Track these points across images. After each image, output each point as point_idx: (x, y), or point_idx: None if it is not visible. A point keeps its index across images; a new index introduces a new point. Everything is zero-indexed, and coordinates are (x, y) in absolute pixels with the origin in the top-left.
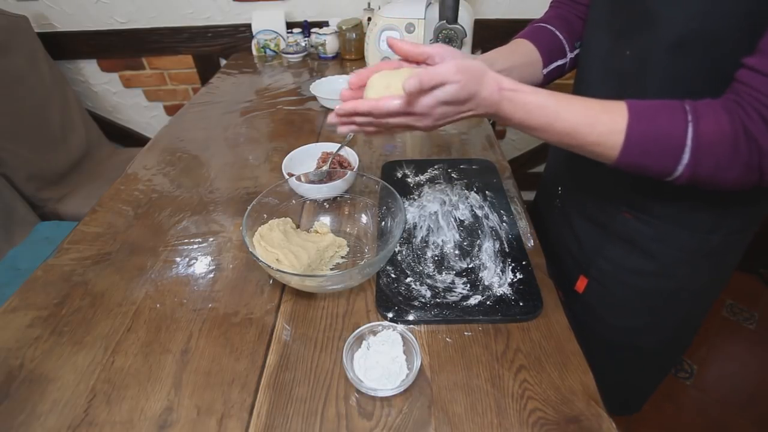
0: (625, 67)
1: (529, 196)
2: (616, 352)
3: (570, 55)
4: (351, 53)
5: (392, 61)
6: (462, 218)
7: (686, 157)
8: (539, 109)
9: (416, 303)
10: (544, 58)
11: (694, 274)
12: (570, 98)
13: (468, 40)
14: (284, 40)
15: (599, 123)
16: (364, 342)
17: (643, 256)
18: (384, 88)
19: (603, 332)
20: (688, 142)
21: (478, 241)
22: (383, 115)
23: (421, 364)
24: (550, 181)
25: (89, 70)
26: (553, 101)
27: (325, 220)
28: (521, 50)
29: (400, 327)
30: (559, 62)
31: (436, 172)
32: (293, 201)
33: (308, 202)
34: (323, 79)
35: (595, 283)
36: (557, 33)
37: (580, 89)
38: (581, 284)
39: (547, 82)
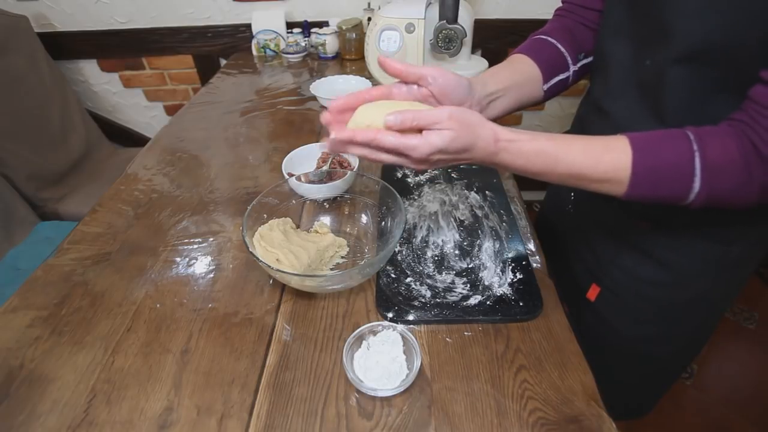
0: (645, 77)
1: (529, 196)
2: (626, 359)
3: (573, 68)
4: (351, 53)
5: (384, 87)
6: (462, 218)
7: (697, 186)
8: (537, 156)
9: (416, 303)
10: (545, 74)
11: (711, 284)
12: (569, 140)
13: (468, 40)
14: (284, 40)
15: (602, 163)
16: (364, 342)
17: (659, 267)
18: (366, 126)
19: (613, 340)
20: (697, 171)
21: (478, 241)
22: (379, 149)
23: (421, 364)
24: (563, 185)
25: (89, 70)
26: (552, 146)
27: (325, 220)
28: (518, 68)
29: (400, 327)
30: (561, 76)
31: (435, 172)
32: (293, 201)
33: (308, 202)
34: (323, 79)
35: (608, 292)
36: (559, 46)
37: (601, 98)
38: (593, 292)
39: (548, 98)
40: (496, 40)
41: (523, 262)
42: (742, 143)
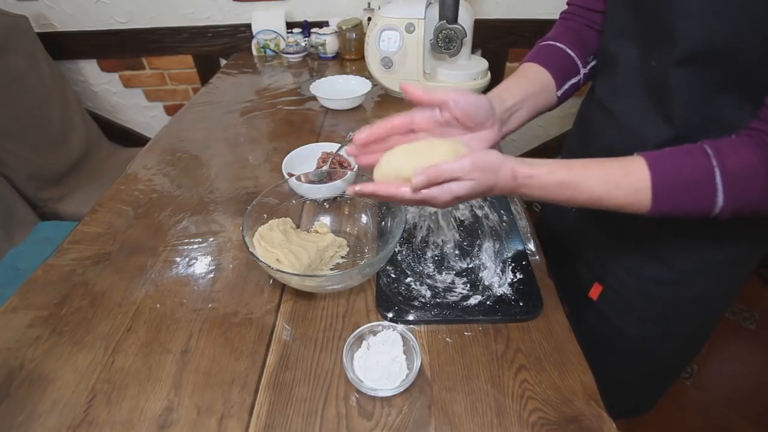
0: (651, 78)
1: None
2: (626, 358)
3: (584, 71)
4: (351, 53)
5: (406, 114)
6: (462, 218)
7: (720, 200)
8: (557, 188)
9: (416, 303)
10: (557, 80)
11: (714, 283)
12: (586, 166)
13: (468, 40)
14: (284, 40)
15: (621, 187)
16: (364, 342)
17: (662, 266)
18: (393, 175)
19: (615, 339)
20: (719, 185)
21: (478, 241)
22: (402, 201)
23: (421, 364)
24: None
25: (89, 70)
26: (570, 176)
27: (325, 220)
28: (531, 77)
29: (400, 327)
30: (573, 80)
31: None
32: (293, 201)
33: (308, 202)
34: (323, 79)
35: (611, 291)
36: (568, 50)
37: (604, 97)
38: (595, 291)
39: (561, 103)
40: (496, 40)
41: (523, 262)
42: (762, 151)
